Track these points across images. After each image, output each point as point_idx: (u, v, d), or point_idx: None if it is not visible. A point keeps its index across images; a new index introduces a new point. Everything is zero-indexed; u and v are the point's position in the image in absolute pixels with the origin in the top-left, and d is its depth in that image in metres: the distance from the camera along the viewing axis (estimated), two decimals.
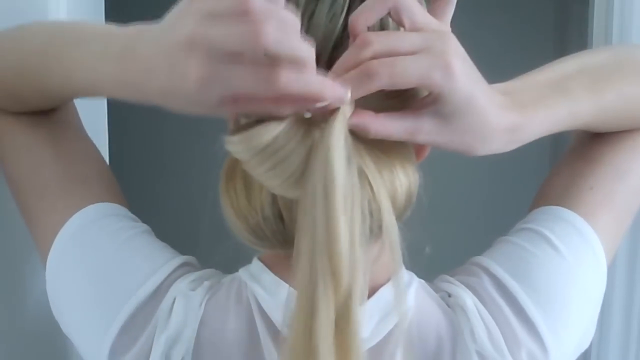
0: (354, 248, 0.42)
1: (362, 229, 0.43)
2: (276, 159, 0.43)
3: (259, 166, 0.44)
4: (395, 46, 0.43)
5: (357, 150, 0.44)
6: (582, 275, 0.53)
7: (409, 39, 0.43)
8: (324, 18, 0.46)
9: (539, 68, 0.55)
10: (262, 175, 0.44)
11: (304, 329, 0.42)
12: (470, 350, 0.50)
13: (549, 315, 0.51)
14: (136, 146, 1.97)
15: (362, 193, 0.44)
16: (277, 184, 0.44)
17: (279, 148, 0.43)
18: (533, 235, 0.54)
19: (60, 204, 0.57)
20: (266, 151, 0.43)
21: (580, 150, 0.60)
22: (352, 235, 0.42)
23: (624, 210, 0.57)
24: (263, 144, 0.42)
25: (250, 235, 0.49)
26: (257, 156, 0.43)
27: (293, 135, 0.43)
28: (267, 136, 0.42)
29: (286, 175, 0.44)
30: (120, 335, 0.51)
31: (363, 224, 0.43)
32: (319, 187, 0.42)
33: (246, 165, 0.45)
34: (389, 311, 0.50)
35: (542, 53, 2.08)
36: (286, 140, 0.43)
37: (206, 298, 0.52)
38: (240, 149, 0.43)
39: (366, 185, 0.44)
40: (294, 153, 0.43)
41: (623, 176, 0.57)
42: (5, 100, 0.60)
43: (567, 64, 0.56)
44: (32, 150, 0.60)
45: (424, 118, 0.45)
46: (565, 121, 0.52)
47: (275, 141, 0.43)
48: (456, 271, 0.55)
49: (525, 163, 1.56)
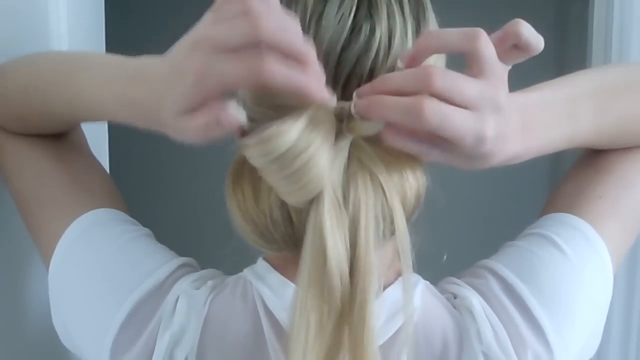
0: (369, 253, 0.43)
1: (377, 233, 0.44)
2: (298, 164, 0.42)
3: (278, 172, 0.43)
4: (456, 93, 0.42)
5: (369, 155, 0.45)
6: (588, 279, 0.53)
7: (469, 89, 0.42)
8: (333, 19, 0.46)
9: (562, 78, 0.55)
10: (280, 182, 0.44)
11: (306, 326, 0.42)
12: (477, 351, 0.50)
13: (554, 317, 0.51)
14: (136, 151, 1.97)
15: (376, 197, 0.44)
16: (293, 191, 0.44)
17: (301, 152, 0.42)
18: (540, 239, 0.54)
19: (64, 211, 0.58)
20: (286, 156, 0.42)
21: (589, 160, 0.61)
22: (367, 240, 0.43)
23: (631, 220, 0.57)
24: (283, 148, 0.42)
25: (258, 238, 0.49)
26: (276, 162, 0.42)
27: (314, 137, 0.43)
28: (287, 138, 0.42)
29: (305, 182, 0.43)
30: (122, 331, 0.51)
31: (377, 229, 0.44)
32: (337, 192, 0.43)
33: (263, 172, 0.44)
34: (395, 311, 0.50)
35: (542, 53, 2.09)
36: (307, 143, 0.42)
37: (210, 297, 0.52)
38: (257, 154, 0.43)
39: (379, 189, 0.44)
40: (316, 156, 0.43)
41: (631, 186, 0.57)
42: (12, 123, 0.63)
43: (585, 82, 0.55)
44: (38, 162, 0.62)
45: (439, 147, 0.44)
46: (562, 145, 0.53)
47: (297, 144, 0.42)
48: (462, 274, 0.55)
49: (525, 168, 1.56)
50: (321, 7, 0.46)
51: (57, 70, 0.59)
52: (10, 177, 0.63)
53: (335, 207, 0.44)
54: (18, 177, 0.62)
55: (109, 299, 0.53)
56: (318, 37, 0.45)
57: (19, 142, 0.63)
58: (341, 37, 0.46)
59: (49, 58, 0.63)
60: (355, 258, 0.43)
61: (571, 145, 0.54)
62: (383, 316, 0.50)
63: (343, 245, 0.43)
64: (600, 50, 0.87)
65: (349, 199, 0.44)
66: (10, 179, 0.63)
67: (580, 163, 0.62)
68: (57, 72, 0.58)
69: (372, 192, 0.44)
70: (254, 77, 0.40)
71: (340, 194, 0.44)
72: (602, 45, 0.86)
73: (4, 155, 0.64)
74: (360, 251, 0.43)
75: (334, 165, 0.44)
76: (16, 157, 0.63)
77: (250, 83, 0.40)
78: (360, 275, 0.43)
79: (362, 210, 0.44)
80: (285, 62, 0.40)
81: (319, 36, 0.45)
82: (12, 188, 0.63)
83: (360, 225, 0.43)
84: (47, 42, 0.73)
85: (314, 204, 0.44)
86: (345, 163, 0.45)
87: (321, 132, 0.43)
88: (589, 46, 0.92)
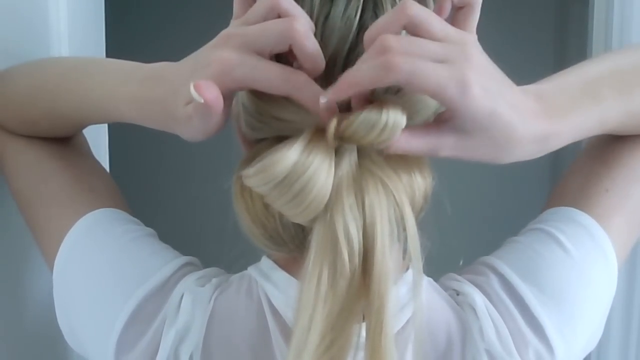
0: (385, 259, 0.43)
1: (391, 237, 0.43)
2: (297, 187, 0.42)
3: (280, 198, 0.43)
4: (418, 52, 0.40)
5: (378, 163, 0.45)
6: (591, 277, 0.53)
7: (431, 47, 0.41)
8: (339, 21, 0.46)
9: (570, 68, 0.53)
10: (284, 207, 0.44)
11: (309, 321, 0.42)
12: (479, 348, 0.50)
13: (555, 316, 0.51)
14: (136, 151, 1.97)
15: (388, 203, 0.44)
16: (298, 213, 0.44)
17: (299, 175, 0.42)
18: (543, 235, 0.54)
19: (67, 211, 0.58)
20: (285, 182, 0.42)
21: (596, 152, 0.60)
22: (384, 245, 0.43)
23: (637, 215, 0.57)
24: (282, 174, 0.42)
25: (267, 241, 0.49)
26: (277, 188, 0.43)
27: (311, 160, 0.43)
28: (284, 163, 0.42)
29: (308, 202, 0.43)
30: (127, 329, 0.51)
31: (391, 233, 0.44)
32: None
33: (267, 199, 0.44)
34: (402, 306, 0.50)
35: (542, 53, 2.09)
36: (305, 167, 0.42)
37: (215, 294, 0.52)
38: (258, 182, 0.43)
39: (390, 194, 0.44)
40: (315, 177, 0.43)
41: (639, 180, 0.57)
42: (20, 126, 0.64)
43: (598, 64, 0.54)
44: (42, 162, 0.62)
45: (446, 133, 0.43)
46: (594, 128, 0.51)
47: (294, 169, 0.42)
48: (464, 270, 0.55)
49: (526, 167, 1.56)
50: (327, 8, 0.46)
51: (67, 75, 0.60)
52: (13, 177, 0.64)
53: (347, 211, 0.43)
54: (21, 177, 0.63)
55: (113, 297, 0.53)
56: (324, 39, 0.45)
57: (23, 143, 0.64)
58: (348, 38, 0.46)
59: (59, 63, 0.64)
60: (370, 264, 0.43)
61: (604, 128, 0.52)
62: None
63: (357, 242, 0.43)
64: (600, 50, 0.87)
65: (364, 208, 0.44)
66: (13, 179, 0.64)
67: (586, 155, 0.61)
68: (66, 76, 0.59)
69: (384, 199, 0.44)
70: (284, 86, 0.42)
71: (353, 201, 0.44)
72: (602, 45, 0.86)
73: (7, 155, 0.64)
74: (377, 258, 0.43)
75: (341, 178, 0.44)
76: (20, 158, 0.63)
77: (278, 89, 0.42)
78: (376, 280, 0.42)
79: (377, 217, 0.43)
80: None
81: (325, 37, 0.45)
82: (15, 188, 0.63)
83: (377, 232, 0.43)
84: (47, 42, 0.73)
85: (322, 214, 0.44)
86: (354, 173, 0.45)
87: (319, 153, 0.43)
88: (589, 46, 0.92)
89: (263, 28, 0.42)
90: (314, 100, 0.42)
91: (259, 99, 0.47)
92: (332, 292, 0.42)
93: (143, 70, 0.51)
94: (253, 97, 0.47)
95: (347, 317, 0.43)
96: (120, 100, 0.52)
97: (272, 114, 0.46)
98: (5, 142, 0.64)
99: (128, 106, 0.51)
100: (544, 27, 2.10)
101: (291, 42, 0.42)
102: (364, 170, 0.45)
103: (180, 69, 0.46)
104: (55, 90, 0.59)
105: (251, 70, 0.42)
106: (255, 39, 0.42)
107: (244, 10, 0.45)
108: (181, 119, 0.45)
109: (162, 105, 0.47)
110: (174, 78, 0.46)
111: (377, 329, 0.42)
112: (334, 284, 0.42)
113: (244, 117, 0.49)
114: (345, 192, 0.43)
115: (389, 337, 0.42)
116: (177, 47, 0.66)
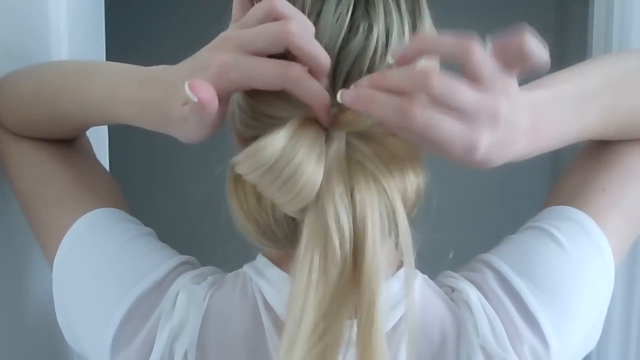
0: (376, 254, 0.43)
1: (382, 232, 0.44)
2: (287, 173, 0.43)
3: (271, 185, 0.44)
4: (453, 100, 0.40)
5: (369, 157, 0.45)
6: (587, 273, 0.53)
7: (466, 97, 0.41)
8: (330, 18, 0.46)
9: (571, 68, 0.54)
10: (276, 194, 0.45)
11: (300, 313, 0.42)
12: (474, 344, 0.50)
13: (551, 311, 0.51)
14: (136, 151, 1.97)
15: (379, 199, 0.44)
16: (289, 200, 0.45)
17: (288, 160, 0.43)
18: (539, 232, 0.54)
19: (67, 210, 0.59)
20: (275, 167, 0.43)
21: (594, 151, 0.60)
22: (374, 240, 0.43)
23: (635, 214, 0.57)
24: (271, 158, 0.43)
25: (261, 237, 0.49)
26: (267, 174, 0.44)
27: (300, 145, 0.44)
28: (273, 147, 0.43)
29: (299, 189, 0.44)
30: (123, 326, 0.52)
31: (382, 228, 0.44)
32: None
33: (259, 188, 0.45)
34: (394, 304, 0.50)
35: None
36: (294, 151, 0.43)
37: (210, 292, 0.52)
38: (248, 168, 0.44)
39: (382, 190, 0.45)
40: (304, 163, 0.43)
41: (636, 179, 0.57)
42: (23, 127, 0.64)
43: (596, 74, 0.54)
44: (43, 162, 0.63)
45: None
46: (570, 141, 0.52)
47: (283, 153, 0.43)
48: (461, 268, 0.56)
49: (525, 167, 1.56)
50: (319, 6, 0.46)
51: (69, 78, 0.60)
52: (16, 178, 0.64)
53: (337, 199, 0.44)
54: (23, 177, 0.63)
55: (110, 295, 0.53)
56: (316, 36, 0.45)
57: (25, 143, 0.64)
58: (339, 36, 0.46)
59: (62, 66, 0.66)
60: (361, 259, 0.43)
61: (578, 140, 0.54)
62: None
63: (348, 231, 0.43)
64: (600, 50, 0.87)
65: (353, 200, 0.44)
66: (15, 179, 0.64)
67: (584, 154, 0.61)
68: (69, 79, 0.60)
69: (375, 194, 0.44)
70: (279, 80, 0.43)
71: (343, 190, 0.44)
72: (602, 45, 0.86)
73: (9, 155, 0.65)
74: (367, 252, 0.43)
75: (331, 166, 0.45)
76: (22, 158, 0.64)
77: (274, 84, 0.43)
78: (367, 275, 0.43)
79: (367, 211, 0.44)
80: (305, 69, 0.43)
81: (316, 35, 0.45)
82: (17, 188, 0.64)
83: (367, 226, 0.44)
84: (47, 42, 0.73)
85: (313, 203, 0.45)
86: (344, 164, 0.45)
87: (307, 139, 0.44)
88: (589, 46, 0.92)
89: (258, 31, 0.43)
90: (308, 92, 0.43)
91: (252, 97, 0.47)
92: (324, 280, 0.43)
93: (143, 72, 0.52)
94: (246, 95, 0.48)
95: (339, 306, 0.43)
96: (120, 101, 0.52)
97: (264, 111, 0.47)
98: (9, 143, 0.65)
99: (127, 107, 0.52)
100: (544, 27, 2.09)
101: (286, 44, 0.42)
102: (353, 162, 0.45)
103: (178, 72, 0.47)
104: (58, 93, 0.60)
105: (246, 70, 0.43)
106: (250, 41, 0.43)
107: (242, 13, 0.46)
108: (177, 119, 0.45)
109: (159, 107, 0.47)
110: (172, 80, 0.47)
111: (367, 325, 0.42)
112: (326, 271, 0.43)
113: (238, 115, 0.50)
114: (336, 181, 0.44)
115: (379, 333, 0.42)
116: (177, 48, 0.66)
